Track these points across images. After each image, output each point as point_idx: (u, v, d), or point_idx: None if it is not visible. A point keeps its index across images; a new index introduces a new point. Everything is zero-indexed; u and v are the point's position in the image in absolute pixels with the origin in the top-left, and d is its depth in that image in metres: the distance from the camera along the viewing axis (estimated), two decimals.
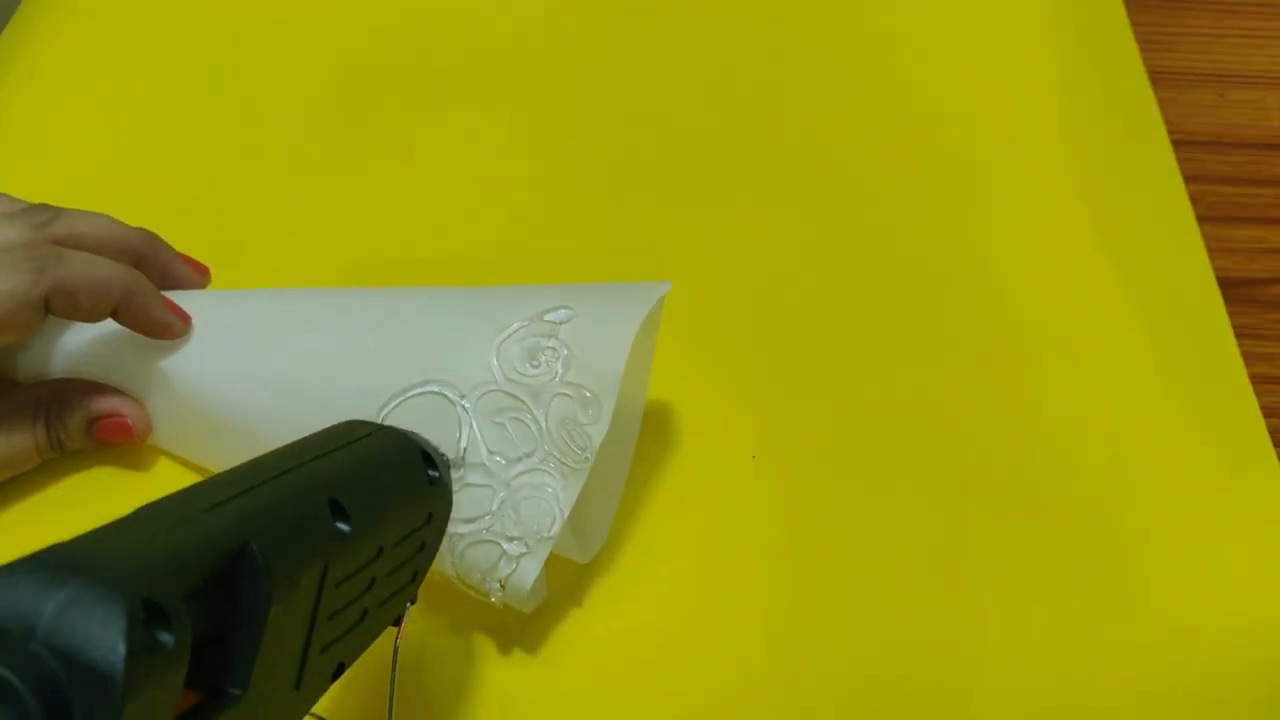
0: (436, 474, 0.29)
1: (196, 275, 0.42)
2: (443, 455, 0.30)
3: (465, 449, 0.34)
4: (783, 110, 0.54)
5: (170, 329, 0.38)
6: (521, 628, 0.37)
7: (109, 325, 0.37)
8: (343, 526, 0.24)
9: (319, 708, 0.25)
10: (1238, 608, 0.39)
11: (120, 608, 0.17)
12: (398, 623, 0.29)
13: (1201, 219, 0.50)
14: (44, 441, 0.39)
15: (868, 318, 0.46)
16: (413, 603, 0.30)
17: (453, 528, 0.35)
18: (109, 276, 0.36)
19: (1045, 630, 0.38)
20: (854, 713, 0.36)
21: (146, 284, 0.37)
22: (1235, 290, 0.48)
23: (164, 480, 0.40)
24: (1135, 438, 0.43)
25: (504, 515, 0.34)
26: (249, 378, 0.37)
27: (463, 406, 0.34)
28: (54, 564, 0.18)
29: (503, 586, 0.34)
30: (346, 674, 0.26)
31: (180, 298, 0.39)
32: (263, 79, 0.53)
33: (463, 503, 0.34)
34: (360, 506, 0.25)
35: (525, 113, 0.53)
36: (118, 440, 0.39)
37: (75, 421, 0.39)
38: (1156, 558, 0.40)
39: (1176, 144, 0.53)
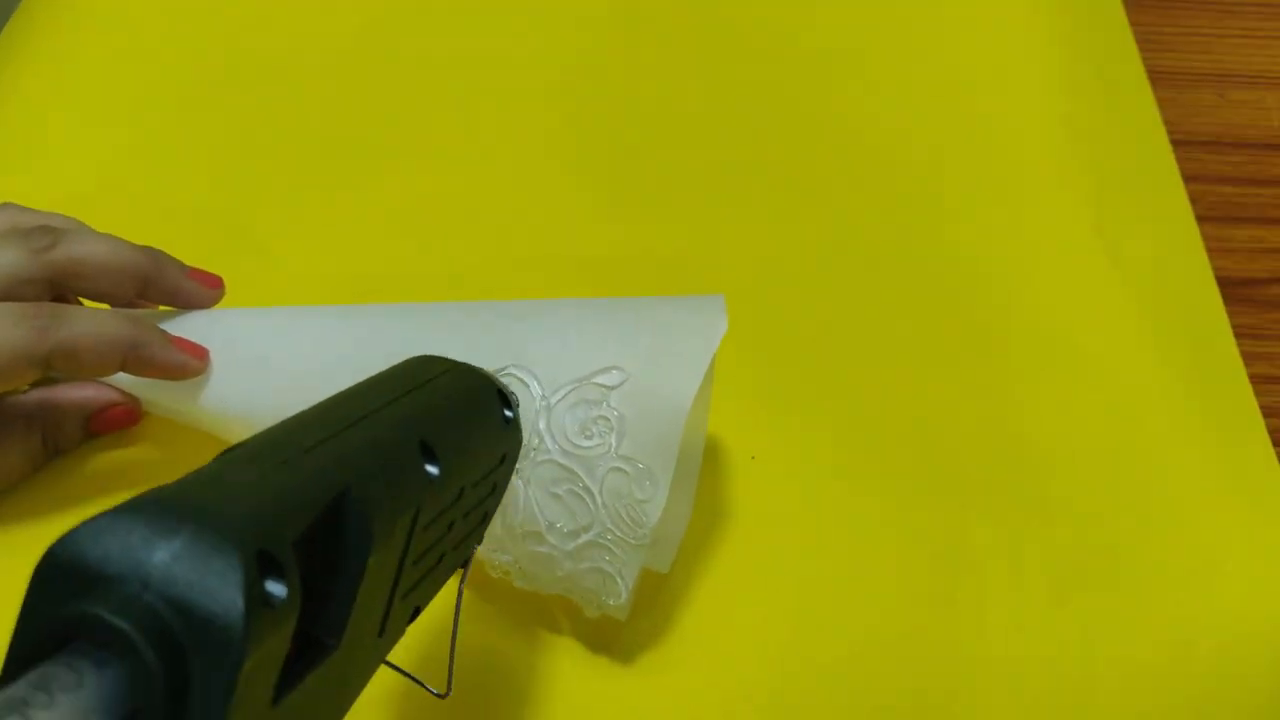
0: (512, 414, 0.29)
1: (208, 291, 0.39)
2: (513, 394, 0.30)
3: (522, 519, 0.34)
4: (780, 111, 0.54)
5: (184, 369, 0.36)
6: (516, 621, 0.37)
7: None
8: (432, 469, 0.24)
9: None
10: (1238, 608, 0.39)
11: (237, 558, 0.17)
12: (465, 565, 0.29)
13: (1201, 219, 0.50)
14: (39, 450, 0.38)
15: (867, 318, 0.46)
16: (479, 544, 0.29)
17: (533, 585, 0.35)
18: (112, 335, 0.35)
19: (1045, 630, 0.38)
20: (853, 712, 0.36)
21: (153, 332, 0.36)
22: (1235, 290, 0.48)
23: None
24: (1135, 438, 0.43)
25: (570, 584, 0.34)
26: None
27: (518, 473, 0.33)
28: (165, 508, 0.17)
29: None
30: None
31: (198, 320, 0.38)
32: (264, 81, 0.53)
33: (536, 565, 0.34)
34: (447, 448, 0.24)
35: (534, 118, 0.53)
36: (117, 429, 0.39)
37: (72, 421, 0.39)
38: (1156, 558, 0.40)
39: (1176, 144, 0.53)
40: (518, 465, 0.32)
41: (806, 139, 0.52)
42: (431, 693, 0.29)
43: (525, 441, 0.33)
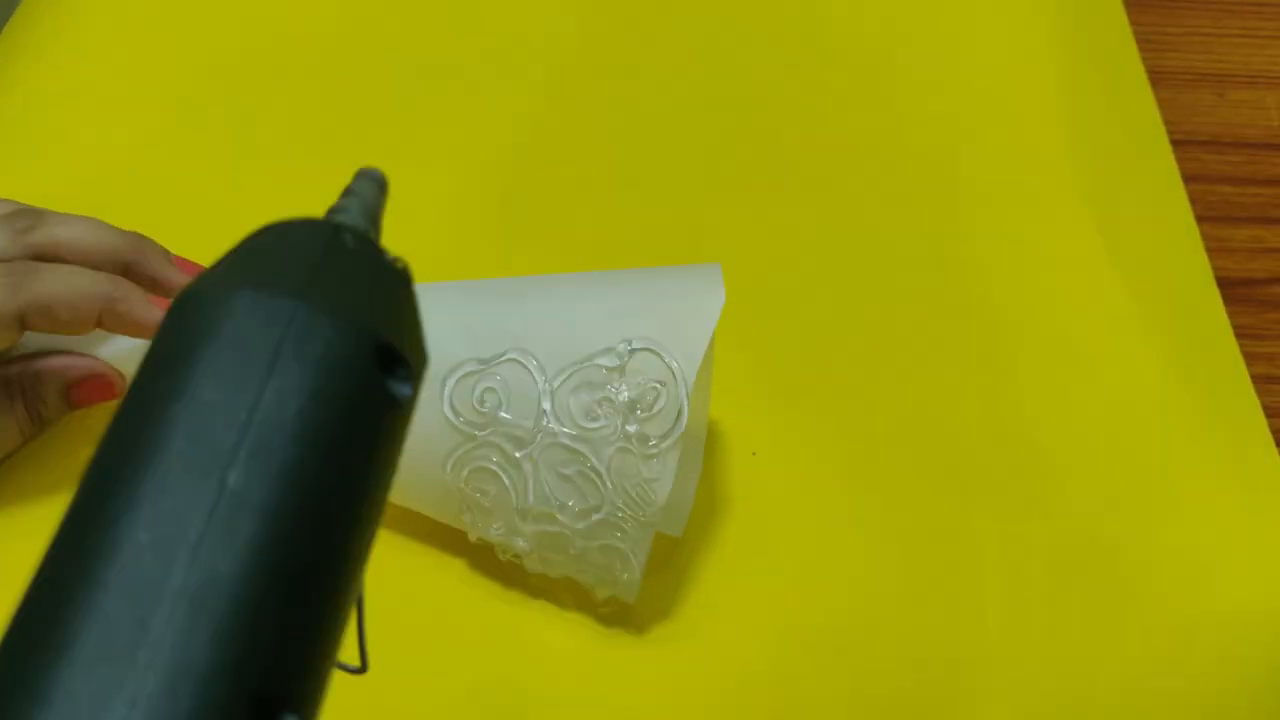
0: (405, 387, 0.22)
1: (190, 280, 0.40)
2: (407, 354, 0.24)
3: (535, 501, 0.34)
4: (781, 110, 0.54)
5: None
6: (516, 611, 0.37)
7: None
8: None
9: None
10: (1238, 607, 0.39)
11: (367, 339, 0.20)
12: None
13: (1201, 219, 0.50)
14: (24, 419, 0.38)
15: (868, 316, 0.46)
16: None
17: (545, 566, 0.36)
18: (87, 289, 0.35)
19: (1045, 630, 0.38)
20: (853, 712, 0.36)
21: (129, 288, 0.36)
22: (1234, 290, 0.48)
23: None
24: (1135, 437, 0.43)
25: (584, 562, 0.35)
26: None
27: (528, 456, 0.34)
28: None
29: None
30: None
31: None
32: (262, 79, 0.53)
33: (548, 545, 0.35)
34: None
35: (531, 111, 0.53)
36: (98, 400, 0.39)
37: (52, 391, 0.38)
38: (1157, 557, 0.40)
39: (1176, 144, 0.53)
40: (528, 448, 0.33)
41: (808, 136, 0.52)
42: (348, 669, 0.23)
43: (532, 425, 0.34)
